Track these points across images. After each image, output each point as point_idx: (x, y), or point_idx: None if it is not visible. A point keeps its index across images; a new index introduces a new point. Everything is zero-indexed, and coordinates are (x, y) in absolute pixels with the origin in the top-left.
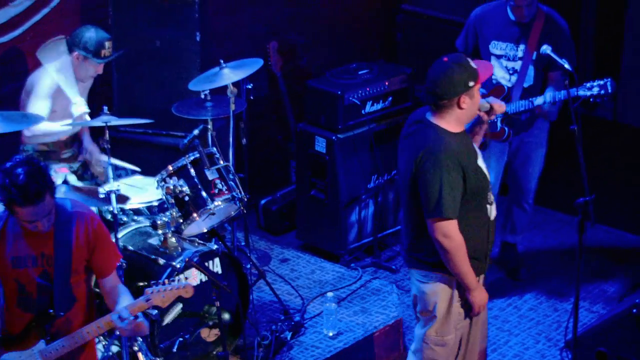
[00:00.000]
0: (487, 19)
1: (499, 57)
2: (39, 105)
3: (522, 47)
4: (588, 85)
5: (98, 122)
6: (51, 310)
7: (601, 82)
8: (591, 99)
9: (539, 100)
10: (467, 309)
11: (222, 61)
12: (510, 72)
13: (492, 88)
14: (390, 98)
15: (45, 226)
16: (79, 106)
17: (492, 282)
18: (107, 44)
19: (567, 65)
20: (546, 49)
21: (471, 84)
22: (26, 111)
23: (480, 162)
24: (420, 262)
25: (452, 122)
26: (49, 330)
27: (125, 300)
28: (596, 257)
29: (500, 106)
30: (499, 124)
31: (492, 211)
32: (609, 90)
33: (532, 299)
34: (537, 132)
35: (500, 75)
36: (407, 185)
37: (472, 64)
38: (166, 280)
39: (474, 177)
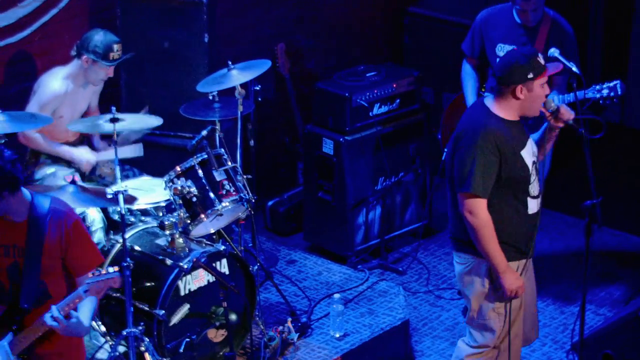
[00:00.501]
0: (493, 22)
1: None
2: (36, 110)
3: None
4: (597, 87)
5: (105, 129)
6: (24, 306)
7: (610, 84)
8: (600, 102)
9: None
10: (502, 293)
11: (230, 62)
12: None
13: None
14: (397, 100)
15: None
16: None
17: None
18: (116, 46)
19: (575, 68)
20: (554, 51)
21: (530, 76)
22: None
23: (526, 154)
24: (455, 242)
25: (506, 109)
26: (17, 323)
27: (85, 302)
28: (603, 259)
29: (568, 113)
30: None
31: (534, 205)
32: (619, 92)
33: (538, 301)
34: None
35: None
36: (449, 163)
37: (540, 59)
38: (103, 270)
39: (513, 165)
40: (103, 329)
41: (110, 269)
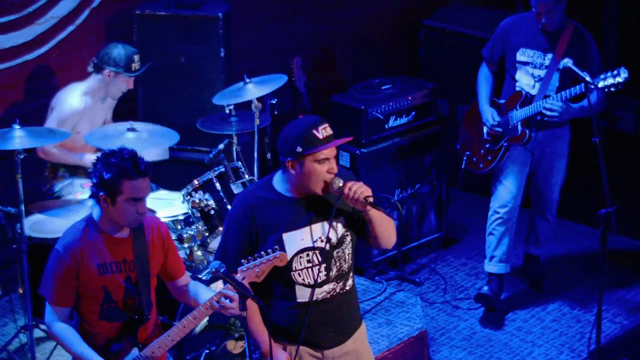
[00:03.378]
0: (516, 29)
1: (525, 64)
2: (54, 127)
3: (549, 55)
4: (602, 76)
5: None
6: (136, 317)
7: (614, 72)
8: (606, 89)
9: (547, 102)
10: None
11: (246, 76)
12: (536, 79)
13: (512, 94)
14: (413, 112)
15: (145, 209)
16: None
17: (515, 293)
18: (136, 57)
19: (588, 78)
20: (567, 62)
21: (299, 149)
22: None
23: (291, 237)
24: None
25: (286, 183)
26: (138, 337)
27: (203, 288)
28: (618, 268)
29: (352, 191)
30: (519, 128)
31: (307, 294)
32: (621, 79)
33: (555, 310)
34: (559, 142)
35: (525, 82)
36: None
37: (318, 132)
38: (256, 255)
39: (267, 245)
40: None
41: (270, 251)
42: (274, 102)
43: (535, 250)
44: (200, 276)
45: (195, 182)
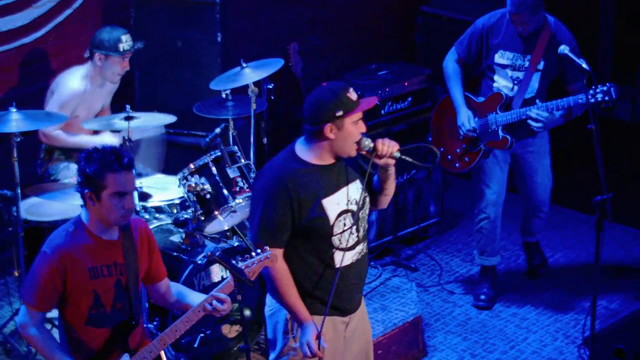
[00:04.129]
0: (495, 30)
1: (504, 66)
2: (55, 109)
3: (528, 57)
4: (591, 92)
5: (119, 126)
6: (127, 321)
7: (604, 88)
8: (596, 107)
9: (532, 111)
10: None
11: (242, 61)
12: (515, 82)
13: (490, 95)
14: (409, 98)
15: (132, 204)
16: (107, 138)
17: (510, 279)
18: (124, 37)
19: (585, 65)
20: (564, 48)
21: (339, 113)
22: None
23: (330, 202)
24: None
25: (316, 151)
26: (129, 343)
27: (187, 290)
28: (614, 255)
29: (387, 146)
30: (500, 133)
31: (345, 258)
32: (613, 96)
33: (550, 296)
34: (540, 142)
35: (504, 84)
36: None
37: (352, 94)
38: (247, 256)
39: (308, 214)
40: None
41: (259, 251)
42: (270, 87)
43: (531, 238)
44: (196, 260)
45: (192, 166)
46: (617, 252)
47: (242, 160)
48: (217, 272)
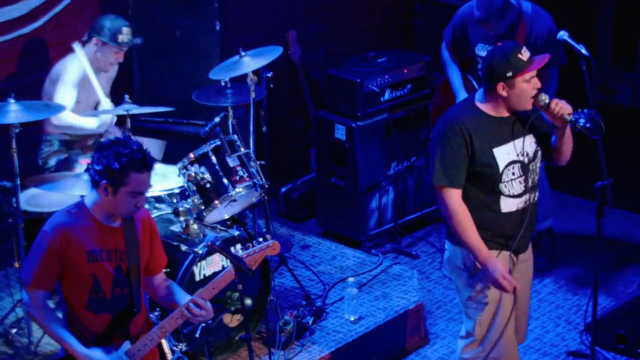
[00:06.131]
0: (474, 22)
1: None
2: (65, 93)
3: None
4: (575, 116)
5: (119, 111)
6: (128, 308)
7: (587, 116)
8: (577, 130)
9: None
10: (481, 282)
11: (241, 49)
12: None
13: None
14: (409, 85)
15: (144, 203)
16: (106, 106)
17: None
18: (125, 29)
19: (584, 51)
20: (563, 34)
21: (509, 74)
22: (52, 100)
23: (500, 152)
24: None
25: (492, 104)
26: (130, 330)
27: (179, 289)
28: (615, 241)
29: (560, 107)
30: None
31: (511, 204)
32: (598, 125)
33: (551, 283)
34: None
35: None
36: None
37: (523, 54)
38: (248, 245)
39: (480, 159)
40: None
41: (260, 239)
42: (269, 75)
43: (538, 226)
44: (196, 249)
45: (191, 155)
46: (619, 238)
47: (242, 149)
48: (218, 261)
